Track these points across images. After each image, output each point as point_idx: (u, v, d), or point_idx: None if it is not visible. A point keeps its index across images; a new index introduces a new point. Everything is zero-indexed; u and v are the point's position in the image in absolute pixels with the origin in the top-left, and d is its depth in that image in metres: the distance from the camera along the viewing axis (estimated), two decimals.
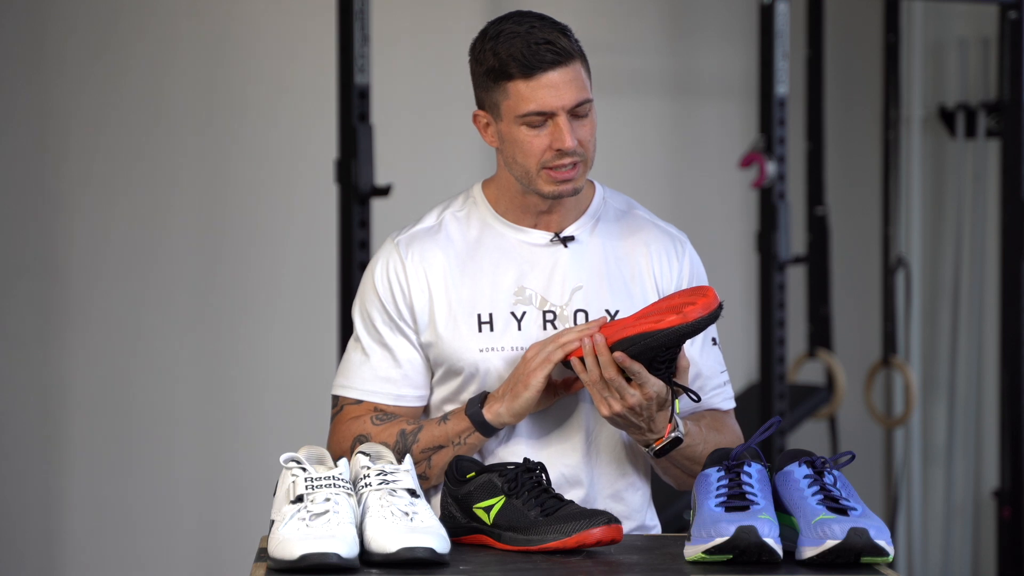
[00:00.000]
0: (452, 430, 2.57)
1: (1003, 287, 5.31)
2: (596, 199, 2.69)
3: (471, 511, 2.41)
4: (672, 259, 2.68)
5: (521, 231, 2.65)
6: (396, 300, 2.64)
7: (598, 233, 2.67)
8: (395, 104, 5.09)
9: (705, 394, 2.67)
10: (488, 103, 2.60)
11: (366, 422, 2.62)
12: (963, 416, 5.96)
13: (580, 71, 2.55)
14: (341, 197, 4.35)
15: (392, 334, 2.64)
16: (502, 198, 2.66)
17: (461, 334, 2.61)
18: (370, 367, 2.65)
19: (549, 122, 2.54)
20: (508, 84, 2.54)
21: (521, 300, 2.61)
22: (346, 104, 4.34)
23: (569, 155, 2.55)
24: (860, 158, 5.95)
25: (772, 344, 4.83)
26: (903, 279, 5.86)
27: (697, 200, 5.67)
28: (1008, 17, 5.24)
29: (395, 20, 5.13)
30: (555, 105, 2.53)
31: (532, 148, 2.55)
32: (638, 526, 2.68)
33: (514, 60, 2.53)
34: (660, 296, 2.66)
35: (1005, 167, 5.29)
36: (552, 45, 2.52)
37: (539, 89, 2.53)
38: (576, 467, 2.62)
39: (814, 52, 5.63)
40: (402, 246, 2.66)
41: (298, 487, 2.28)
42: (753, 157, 4.82)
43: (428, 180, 5.21)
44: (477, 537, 2.40)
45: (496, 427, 2.56)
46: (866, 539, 2.19)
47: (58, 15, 4.89)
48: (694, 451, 2.58)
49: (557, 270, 2.62)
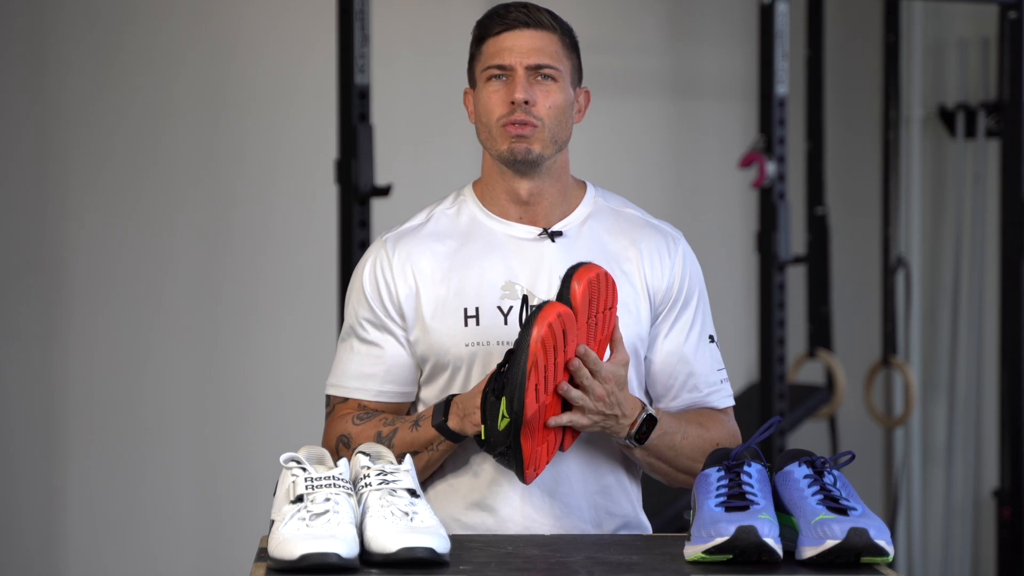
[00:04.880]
0: (423, 437, 2.57)
1: (1003, 287, 5.31)
2: (587, 197, 2.70)
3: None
4: (664, 256, 2.67)
5: (508, 225, 2.65)
6: (383, 298, 2.65)
7: (587, 230, 2.67)
8: (395, 104, 5.09)
9: (700, 392, 2.67)
10: (471, 77, 2.67)
11: (348, 421, 2.64)
12: (963, 416, 5.96)
13: (554, 42, 2.61)
14: (341, 197, 4.35)
15: (377, 332, 2.65)
16: (487, 189, 2.67)
17: (448, 329, 2.61)
18: (354, 364, 2.66)
19: (509, 79, 2.59)
20: (482, 46, 2.63)
21: (508, 295, 2.62)
22: (346, 104, 4.34)
23: (522, 111, 2.57)
24: (860, 158, 5.95)
25: (772, 344, 4.83)
26: (903, 279, 5.86)
27: (697, 200, 5.68)
28: (1008, 17, 5.24)
29: (395, 20, 5.13)
30: (513, 60, 2.59)
31: (491, 103, 2.60)
32: (626, 523, 2.68)
33: (489, 19, 2.63)
34: (650, 294, 2.66)
35: (1005, 167, 5.29)
36: (527, 11, 2.61)
37: (503, 43, 2.60)
38: (561, 464, 2.61)
39: (814, 52, 5.63)
40: (389, 244, 2.67)
41: (298, 487, 2.28)
42: (753, 157, 4.82)
43: (428, 180, 5.21)
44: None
45: (465, 437, 2.56)
46: (866, 539, 2.19)
47: (62, 16, 4.89)
48: (672, 440, 2.58)
49: (544, 265, 2.63)
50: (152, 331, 5.02)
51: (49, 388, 4.94)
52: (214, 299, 5.08)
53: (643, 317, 2.64)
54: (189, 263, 5.06)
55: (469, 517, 2.62)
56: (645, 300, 2.65)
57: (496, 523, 2.61)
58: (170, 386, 5.04)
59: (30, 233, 4.91)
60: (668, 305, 2.66)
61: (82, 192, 4.94)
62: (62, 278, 4.93)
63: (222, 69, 5.07)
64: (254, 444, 5.08)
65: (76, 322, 4.95)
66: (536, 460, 2.46)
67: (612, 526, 2.65)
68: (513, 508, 2.61)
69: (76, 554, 4.97)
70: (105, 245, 4.97)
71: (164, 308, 5.03)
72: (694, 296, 2.68)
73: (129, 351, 4.99)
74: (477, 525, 2.61)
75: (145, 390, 5.01)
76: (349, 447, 2.60)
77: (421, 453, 2.58)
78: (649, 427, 2.55)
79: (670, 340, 2.66)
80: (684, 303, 2.67)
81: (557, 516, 2.61)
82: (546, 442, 2.47)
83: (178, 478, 5.05)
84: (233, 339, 5.10)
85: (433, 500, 2.64)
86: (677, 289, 2.67)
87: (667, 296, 2.66)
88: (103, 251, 4.96)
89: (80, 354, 4.95)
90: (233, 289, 5.10)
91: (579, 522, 2.62)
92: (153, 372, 5.02)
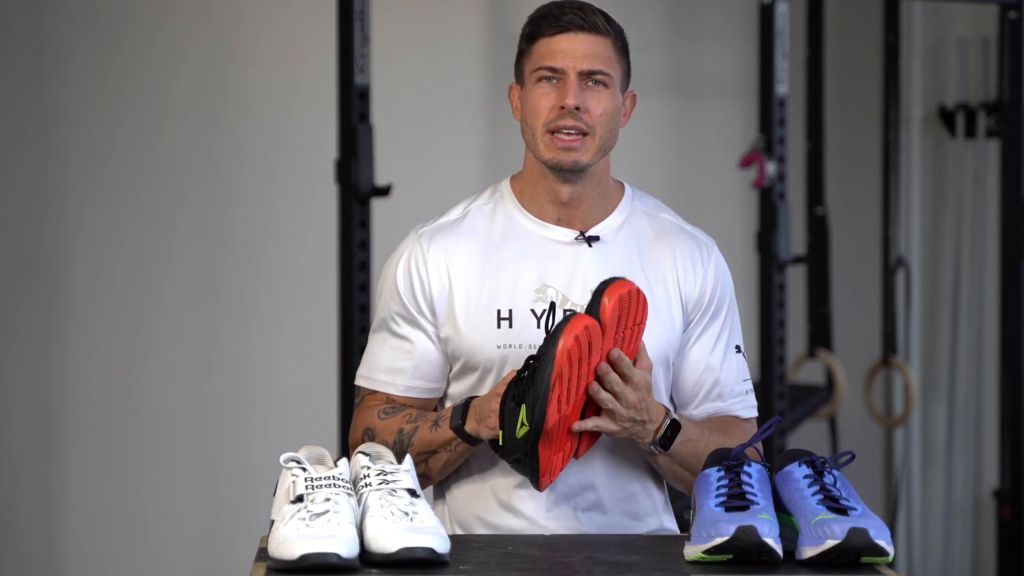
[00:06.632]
0: (441, 438, 2.57)
1: (1003, 287, 5.31)
2: (624, 200, 2.68)
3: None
4: (697, 264, 2.66)
5: (545, 227, 2.63)
6: (415, 293, 2.63)
7: (623, 234, 2.65)
8: (395, 104, 5.09)
9: (724, 401, 2.66)
10: (519, 73, 2.63)
11: (375, 415, 2.63)
12: (963, 416, 5.96)
13: (607, 47, 2.58)
14: (341, 197, 4.35)
15: (408, 326, 2.64)
16: (526, 188, 2.65)
17: (480, 330, 2.60)
18: (385, 357, 2.65)
19: (561, 82, 2.56)
20: (533, 45, 2.59)
21: (542, 298, 2.60)
22: (346, 104, 4.34)
23: (572, 117, 2.55)
24: (860, 158, 5.95)
25: (772, 344, 4.83)
26: (903, 279, 5.86)
27: (697, 200, 5.67)
28: (1008, 17, 5.23)
29: (395, 20, 5.13)
30: (567, 64, 2.55)
31: (540, 106, 2.56)
32: (654, 529, 2.67)
33: (543, 19, 2.58)
34: (683, 301, 2.65)
35: (1005, 167, 5.29)
36: (582, 13, 2.57)
37: (557, 45, 2.56)
38: (587, 471, 2.61)
39: (814, 52, 5.63)
40: (425, 239, 2.65)
41: (298, 487, 2.28)
42: (753, 157, 4.82)
43: (428, 180, 5.21)
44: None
45: (481, 440, 2.55)
46: (866, 539, 2.19)
47: (62, 16, 4.89)
48: (696, 447, 2.57)
49: (579, 269, 2.61)
50: (152, 331, 5.02)
51: (49, 388, 4.94)
52: (214, 299, 5.08)
53: (676, 324, 2.63)
54: (189, 263, 5.06)
55: (495, 517, 2.62)
56: (679, 307, 2.64)
57: (522, 525, 2.60)
58: (170, 386, 5.04)
59: (30, 233, 4.91)
60: (699, 313, 2.65)
61: (82, 192, 4.94)
62: (62, 278, 4.93)
63: (222, 69, 5.07)
64: (254, 444, 5.08)
65: (76, 322, 4.94)
66: (551, 468, 2.46)
67: (638, 532, 2.65)
68: (539, 511, 2.60)
69: (76, 554, 4.97)
70: (105, 245, 4.96)
71: (164, 308, 5.02)
72: (724, 305, 2.67)
73: (129, 351, 4.99)
74: (502, 526, 2.61)
75: (145, 390, 5.01)
76: (374, 440, 2.60)
77: (440, 453, 2.58)
78: (673, 432, 2.54)
79: (698, 348, 2.65)
80: (715, 312, 2.66)
81: (582, 521, 2.61)
82: (562, 450, 2.48)
83: (178, 478, 5.05)
84: (233, 339, 5.10)
85: (460, 498, 2.64)
86: (709, 297, 2.66)
87: (699, 304, 2.65)
88: (103, 251, 4.96)
89: (80, 354, 4.95)
90: (233, 289, 5.10)
91: (604, 527, 2.62)
92: (153, 372, 5.02)
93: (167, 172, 5.02)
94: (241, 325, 5.10)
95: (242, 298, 5.11)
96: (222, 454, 5.09)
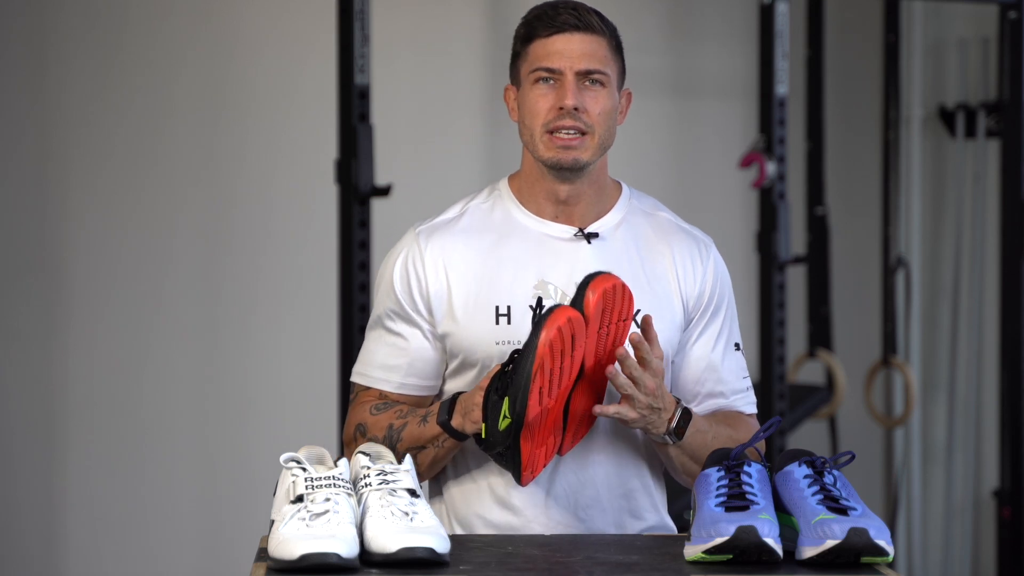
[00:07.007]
0: (429, 433, 2.57)
1: (1003, 287, 5.31)
2: (622, 199, 2.69)
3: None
4: (696, 263, 2.67)
5: (543, 223, 2.64)
6: (412, 291, 2.64)
7: (622, 232, 2.65)
8: (395, 104, 5.09)
9: (725, 398, 2.66)
10: (514, 75, 2.63)
11: (367, 410, 2.64)
12: (963, 416, 5.96)
13: (603, 46, 2.59)
14: (341, 197, 4.35)
15: (403, 324, 2.64)
16: (524, 187, 2.65)
17: (478, 326, 2.59)
18: (380, 354, 2.65)
19: (558, 83, 2.57)
20: (529, 46, 2.59)
21: (541, 294, 2.60)
22: (346, 104, 4.34)
23: (571, 117, 2.55)
24: (860, 158, 5.95)
25: (772, 344, 4.83)
26: (903, 279, 5.86)
27: (697, 200, 5.67)
28: (1008, 17, 5.24)
29: (395, 20, 5.13)
30: (564, 64, 2.56)
31: (538, 107, 2.57)
32: (651, 527, 2.67)
33: (538, 20, 2.59)
34: (683, 300, 2.65)
35: (1005, 167, 5.29)
36: (577, 12, 2.58)
37: (553, 46, 2.57)
38: (586, 467, 2.61)
39: (814, 52, 5.63)
40: (422, 237, 2.66)
41: (298, 487, 2.28)
42: (753, 157, 4.82)
43: (428, 180, 5.21)
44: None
45: (467, 435, 2.55)
46: (866, 539, 2.19)
47: (62, 16, 4.89)
48: (704, 439, 2.57)
49: (578, 266, 2.60)
50: (152, 331, 5.02)
51: (49, 388, 4.94)
52: (214, 299, 5.08)
53: (677, 322, 2.64)
54: (189, 263, 5.06)
55: (494, 515, 2.61)
56: (679, 305, 2.64)
57: (521, 523, 2.60)
58: (170, 386, 5.04)
59: (30, 233, 4.91)
60: (700, 311, 2.66)
61: (82, 192, 4.94)
62: (62, 278, 4.93)
63: (222, 69, 5.07)
64: (254, 444, 5.08)
65: (76, 322, 4.94)
66: (534, 463, 2.45)
67: (636, 529, 2.65)
68: (538, 508, 2.60)
69: (76, 554, 4.97)
70: (105, 245, 4.96)
71: (164, 308, 5.02)
72: (723, 303, 2.68)
73: (129, 351, 4.99)
74: (501, 524, 2.61)
75: (145, 390, 5.01)
76: (365, 436, 2.61)
77: (428, 449, 2.57)
78: (686, 422, 2.55)
79: (699, 346, 2.66)
80: (715, 310, 2.67)
81: (581, 519, 2.61)
82: (545, 445, 2.47)
83: (178, 478, 5.05)
84: (233, 339, 5.10)
85: (459, 496, 2.64)
86: (709, 295, 2.66)
87: (699, 302, 2.66)
88: (103, 251, 4.96)
89: (80, 354, 4.95)
90: (233, 289, 5.10)
91: (603, 525, 2.62)
92: (153, 372, 5.02)
93: (167, 172, 5.02)
94: (241, 325, 5.10)
95: (242, 298, 5.11)
96: (222, 454, 5.09)
